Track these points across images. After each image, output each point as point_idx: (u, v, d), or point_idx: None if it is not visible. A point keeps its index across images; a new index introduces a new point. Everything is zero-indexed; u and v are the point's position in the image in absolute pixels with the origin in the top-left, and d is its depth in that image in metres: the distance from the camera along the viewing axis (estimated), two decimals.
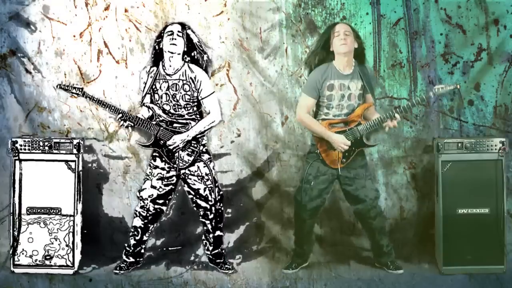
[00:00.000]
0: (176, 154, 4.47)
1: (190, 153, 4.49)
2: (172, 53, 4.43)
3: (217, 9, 4.89)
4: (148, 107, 4.49)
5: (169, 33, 4.44)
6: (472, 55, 4.90)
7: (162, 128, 4.45)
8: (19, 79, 4.90)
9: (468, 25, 4.89)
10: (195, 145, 4.51)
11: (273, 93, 4.95)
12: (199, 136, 4.53)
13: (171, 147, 4.44)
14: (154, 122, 4.46)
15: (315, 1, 4.92)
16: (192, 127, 4.49)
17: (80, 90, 4.47)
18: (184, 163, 4.48)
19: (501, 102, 4.91)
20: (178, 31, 4.44)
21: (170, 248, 4.88)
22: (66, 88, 4.46)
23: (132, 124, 4.45)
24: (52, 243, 4.47)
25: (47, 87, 4.90)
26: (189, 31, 4.52)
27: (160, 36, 4.51)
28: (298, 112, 4.51)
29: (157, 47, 4.51)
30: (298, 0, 4.92)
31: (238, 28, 4.90)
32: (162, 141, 4.47)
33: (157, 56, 4.51)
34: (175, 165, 4.47)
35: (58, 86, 4.50)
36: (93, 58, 4.89)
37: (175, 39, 4.43)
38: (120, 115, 4.43)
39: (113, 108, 4.45)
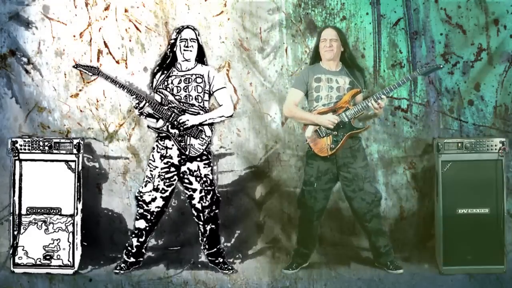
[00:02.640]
0: (188, 141, 4.46)
1: (201, 142, 4.48)
2: (187, 59, 4.44)
3: (217, 9, 4.90)
4: (161, 93, 4.47)
5: (183, 40, 4.44)
6: (472, 55, 4.90)
7: (175, 113, 4.44)
8: (19, 79, 4.90)
9: (468, 25, 4.89)
10: (208, 135, 4.50)
11: (273, 93, 4.96)
12: (210, 125, 4.51)
13: (181, 122, 4.42)
14: (166, 107, 4.46)
15: (315, 1, 4.93)
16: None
17: (96, 69, 4.47)
18: (195, 151, 4.47)
19: (501, 102, 4.91)
20: (191, 38, 4.44)
21: (170, 248, 4.88)
22: (83, 67, 4.47)
23: (147, 114, 4.42)
24: (52, 243, 4.47)
25: (47, 87, 4.90)
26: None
27: (174, 42, 4.48)
28: (285, 105, 4.50)
29: (169, 53, 4.50)
30: (298, 0, 4.92)
31: (238, 28, 4.90)
32: (172, 126, 4.45)
33: (171, 60, 4.50)
34: (186, 153, 4.46)
35: (75, 66, 4.51)
36: (93, 58, 4.89)
37: (191, 46, 4.43)
38: (135, 96, 4.41)
39: (127, 89, 4.44)
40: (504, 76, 4.90)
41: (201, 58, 4.54)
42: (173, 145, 4.48)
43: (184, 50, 4.43)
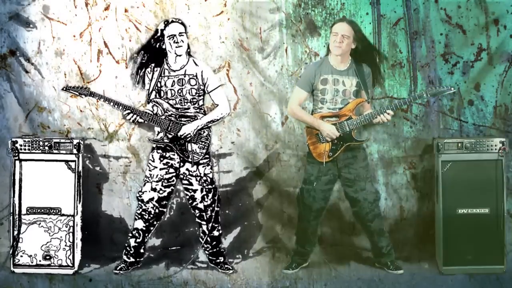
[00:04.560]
0: (189, 148, 4.47)
1: (202, 146, 4.49)
2: (179, 55, 4.44)
3: (217, 9, 4.89)
4: (156, 102, 4.48)
5: (171, 36, 4.43)
6: (472, 55, 4.90)
7: (172, 122, 4.45)
8: (19, 79, 4.90)
9: (468, 25, 4.89)
10: (207, 138, 4.51)
11: (273, 93, 4.96)
12: (208, 127, 4.52)
13: (182, 136, 4.43)
14: (163, 117, 4.46)
15: (315, 1, 4.92)
16: (200, 119, 4.51)
17: (87, 90, 4.48)
18: (197, 156, 4.48)
19: (501, 102, 4.91)
20: (180, 33, 4.45)
21: (170, 248, 4.88)
22: (73, 89, 4.47)
23: (142, 120, 4.45)
24: (52, 243, 4.47)
25: (47, 87, 4.90)
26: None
27: (160, 37, 4.48)
28: (289, 104, 4.54)
29: (157, 46, 4.50)
30: (298, 0, 4.92)
31: (238, 28, 4.90)
32: (172, 135, 4.46)
33: (160, 55, 4.50)
34: (189, 159, 4.47)
35: (64, 89, 4.51)
36: (93, 58, 4.89)
37: (180, 41, 4.42)
38: (129, 111, 4.43)
39: (121, 104, 4.45)
40: (504, 76, 4.90)
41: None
42: (174, 154, 4.49)
43: (175, 47, 4.43)
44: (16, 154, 4.46)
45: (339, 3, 4.91)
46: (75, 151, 4.50)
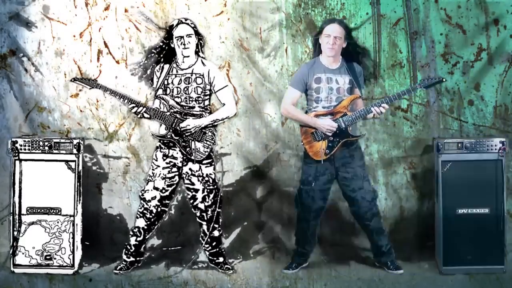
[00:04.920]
0: (193, 146, 4.46)
1: (206, 145, 4.48)
2: (186, 56, 4.43)
3: (217, 9, 4.90)
4: (162, 99, 4.47)
5: (179, 38, 4.41)
6: (472, 55, 4.91)
7: (177, 118, 4.44)
8: (19, 79, 4.90)
9: (468, 25, 4.89)
10: (211, 137, 4.50)
11: (273, 93, 4.96)
12: (213, 126, 4.51)
13: (183, 129, 4.42)
14: (168, 113, 4.45)
15: (315, 1, 4.93)
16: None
17: (94, 81, 4.47)
18: (200, 155, 4.47)
19: (501, 102, 4.91)
20: (187, 35, 4.42)
21: (170, 248, 4.88)
22: (80, 80, 4.47)
23: (148, 115, 4.44)
24: (52, 243, 4.47)
25: (47, 87, 4.91)
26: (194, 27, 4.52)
27: (169, 36, 4.46)
28: (282, 104, 4.51)
29: (166, 47, 4.48)
30: (298, 0, 4.92)
31: (238, 28, 4.91)
32: (177, 131, 4.45)
33: (169, 54, 4.49)
34: (191, 157, 4.47)
35: (73, 80, 4.50)
36: (93, 58, 4.89)
37: (188, 43, 4.41)
38: (134, 104, 4.42)
39: (127, 98, 4.44)
40: (504, 76, 4.90)
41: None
42: (177, 153, 4.48)
43: (183, 48, 4.42)
44: (16, 154, 4.45)
45: (339, 3, 4.91)
46: (75, 151, 4.49)
